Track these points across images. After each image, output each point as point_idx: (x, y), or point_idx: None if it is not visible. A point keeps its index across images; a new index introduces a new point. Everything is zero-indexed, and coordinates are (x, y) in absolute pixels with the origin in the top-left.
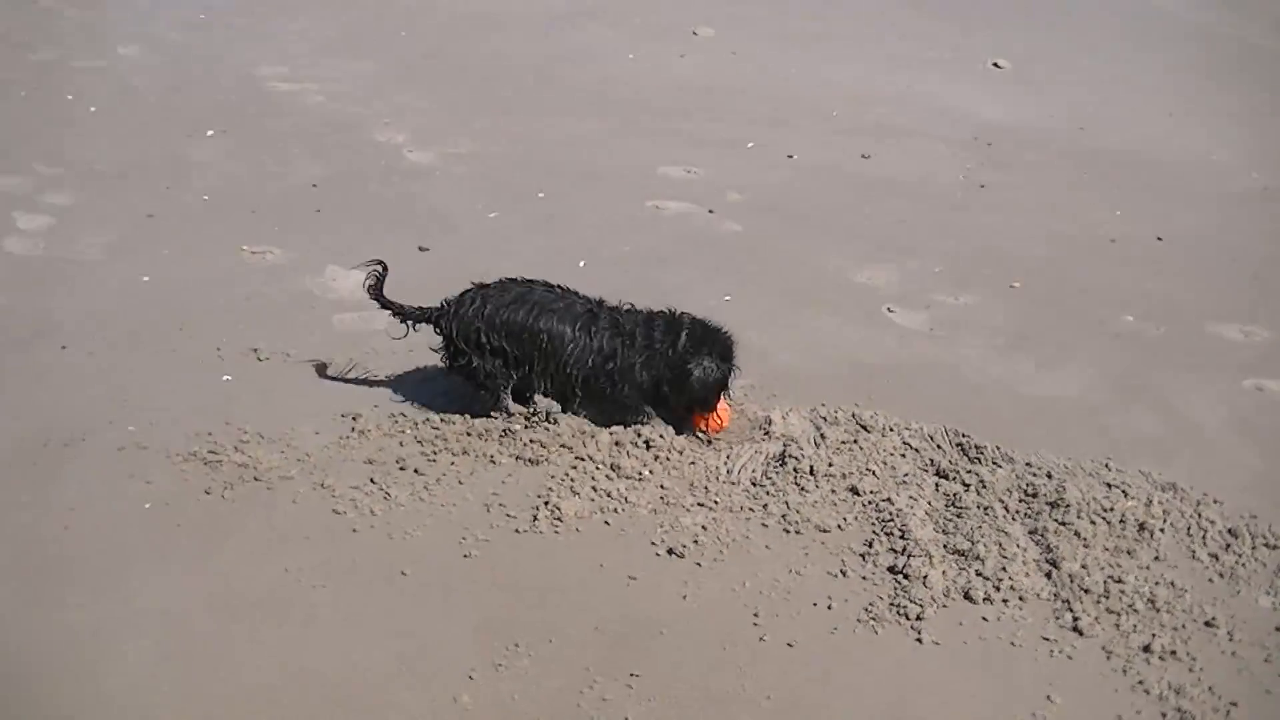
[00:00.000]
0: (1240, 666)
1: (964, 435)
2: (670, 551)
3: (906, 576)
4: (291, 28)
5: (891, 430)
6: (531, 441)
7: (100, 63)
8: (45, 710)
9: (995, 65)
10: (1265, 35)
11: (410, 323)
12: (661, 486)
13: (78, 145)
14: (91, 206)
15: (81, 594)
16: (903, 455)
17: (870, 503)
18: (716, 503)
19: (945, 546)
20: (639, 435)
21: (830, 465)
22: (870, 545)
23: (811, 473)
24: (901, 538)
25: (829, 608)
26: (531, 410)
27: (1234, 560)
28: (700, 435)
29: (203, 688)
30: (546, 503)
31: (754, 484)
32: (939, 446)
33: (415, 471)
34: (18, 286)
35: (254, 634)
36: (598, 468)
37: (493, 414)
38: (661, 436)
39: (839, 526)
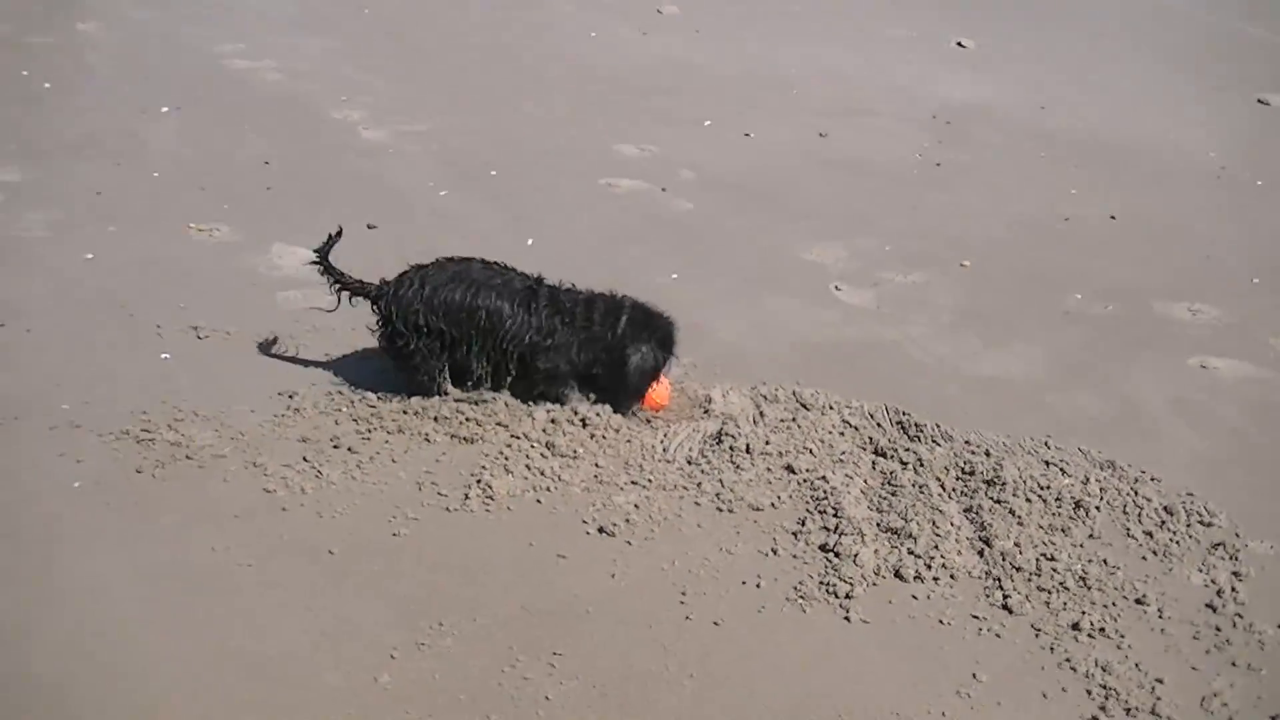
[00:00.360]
0: (1168, 644)
1: (905, 413)
2: (601, 530)
3: (838, 555)
4: (253, 5)
5: (831, 408)
6: (467, 420)
7: (57, 39)
8: None
9: (959, 45)
10: (1227, 17)
11: (347, 295)
12: (596, 465)
13: (30, 122)
14: (40, 184)
15: (2, 570)
16: (841, 433)
17: (805, 481)
18: (650, 481)
19: (878, 525)
20: (575, 413)
21: (767, 443)
22: (803, 523)
23: (748, 451)
24: (835, 516)
25: (758, 586)
26: (472, 396)
27: (1168, 538)
28: (638, 414)
29: (123, 663)
30: (479, 481)
31: (689, 462)
32: (879, 425)
33: (349, 450)
34: None
35: (177, 611)
36: (532, 446)
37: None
38: (598, 415)
39: (772, 505)
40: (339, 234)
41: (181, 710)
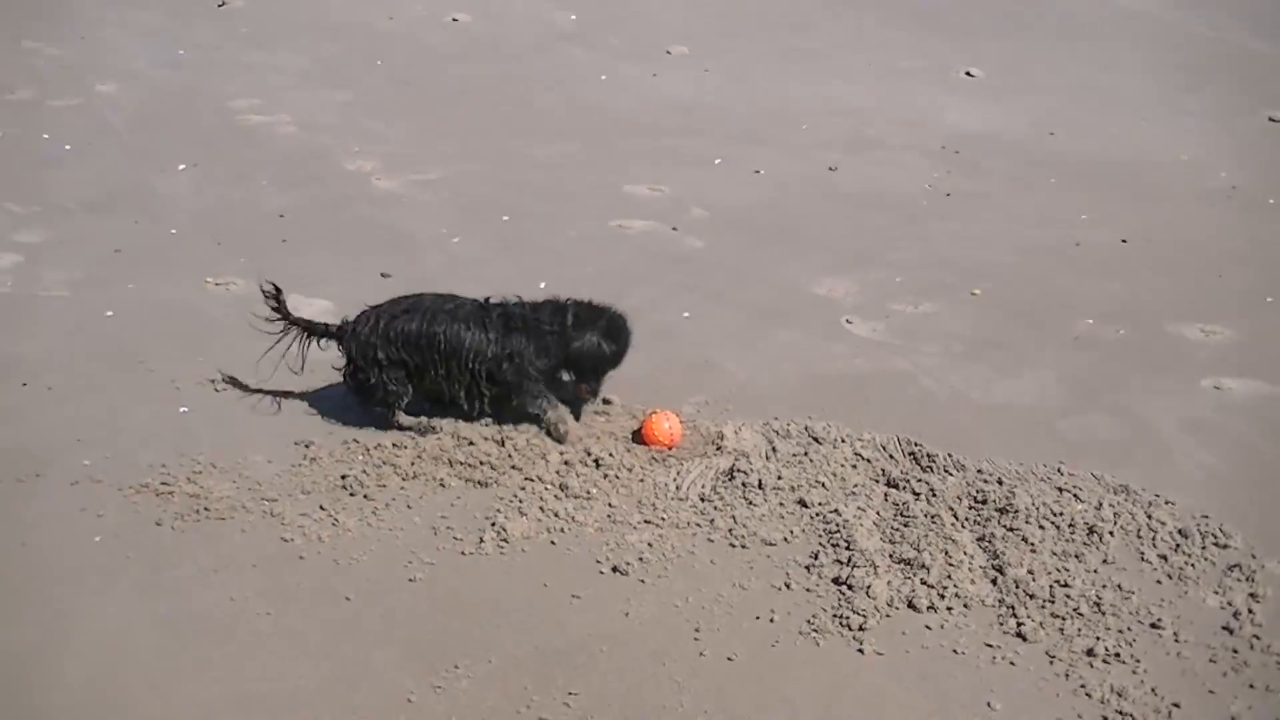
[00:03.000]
0: (1184, 667)
1: (916, 444)
2: (614, 569)
3: (851, 587)
4: (268, 61)
5: (844, 441)
6: (481, 464)
7: (78, 101)
8: None
9: (968, 74)
10: (1236, 34)
11: (315, 339)
12: (609, 505)
13: (51, 183)
14: (61, 243)
15: (23, 619)
16: (854, 466)
17: (818, 515)
18: (663, 519)
19: (891, 556)
20: (589, 454)
21: (779, 478)
22: (816, 557)
23: (760, 486)
24: (847, 548)
25: (771, 620)
26: (420, 424)
27: (1183, 561)
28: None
29: (142, 707)
30: (493, 524)
31: (702, 499)
32: (891, 456)
33: (364, 497)
34: None
35: (195, 658)
36: (546, 488)
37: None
38: (610, 454)
39: (785, 539)
40: (277, 288)
41: None
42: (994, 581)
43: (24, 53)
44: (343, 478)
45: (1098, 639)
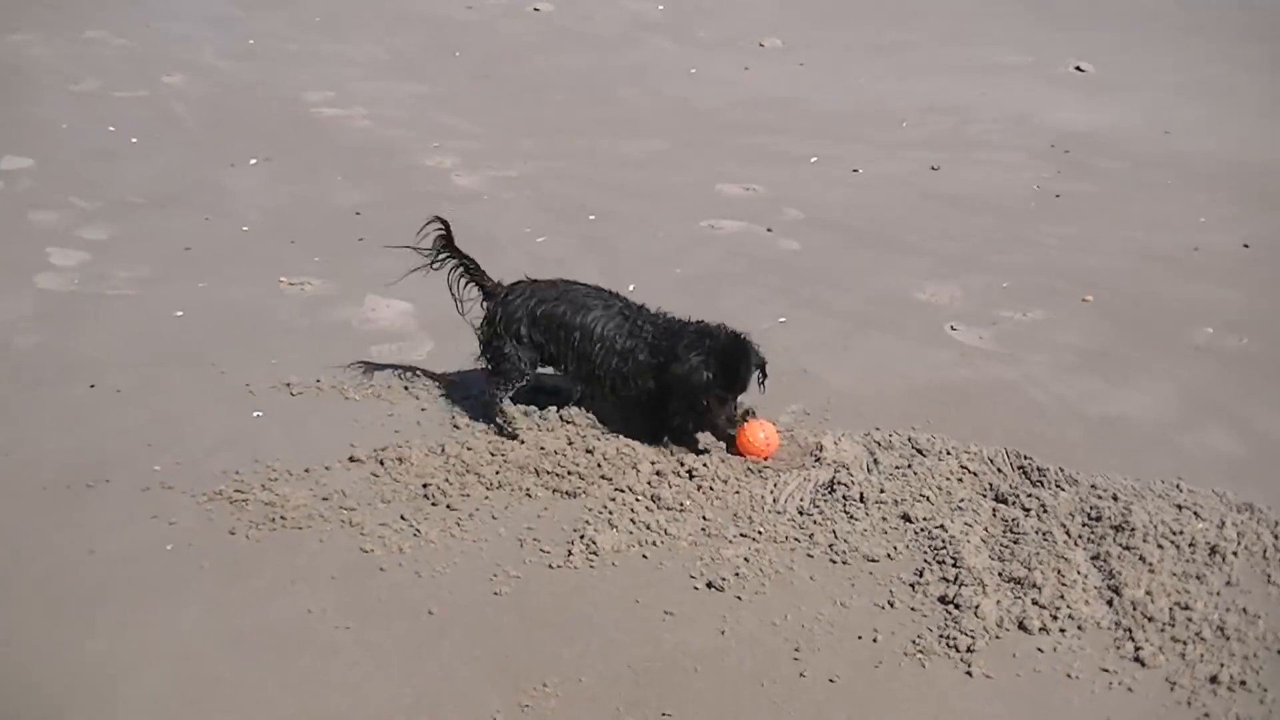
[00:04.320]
0: None
1: (1026, 457)
2: (710, 585)
3: (958, 607)
4: (341, 52)
5: (949, 454)
6: (570, 473)
7: (143, 92)
8: None
9: (1077, 69)
10: None
11: (472, 281)
12: (704, 517)
13: (117, 178)
14: (128, 240)
15: (97, 631)
16: (960, 480)
17: (922, 530)
18: (760, 533)
19: (1000, 574)
20: (681, 464)
21: (882, 492)
22: (921, 574)
23: (861, 500)
24: (954, 566)
25: (874, 640)
26: (514, 420)
27: None
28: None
29: None
30: (582, 536)
31: (801, 513)
32: (999, 470)
33: (447, 507)
34: (50, 324)
35: (271, 672)
36: (637, 499)
37: (494, 416)
38: (704, 465)
39: (888, 555)
40: (445, 224)
41: None
42: (1110, 603)
43: (88, 42)
44: (424, 486)
45: (1221, 665)
